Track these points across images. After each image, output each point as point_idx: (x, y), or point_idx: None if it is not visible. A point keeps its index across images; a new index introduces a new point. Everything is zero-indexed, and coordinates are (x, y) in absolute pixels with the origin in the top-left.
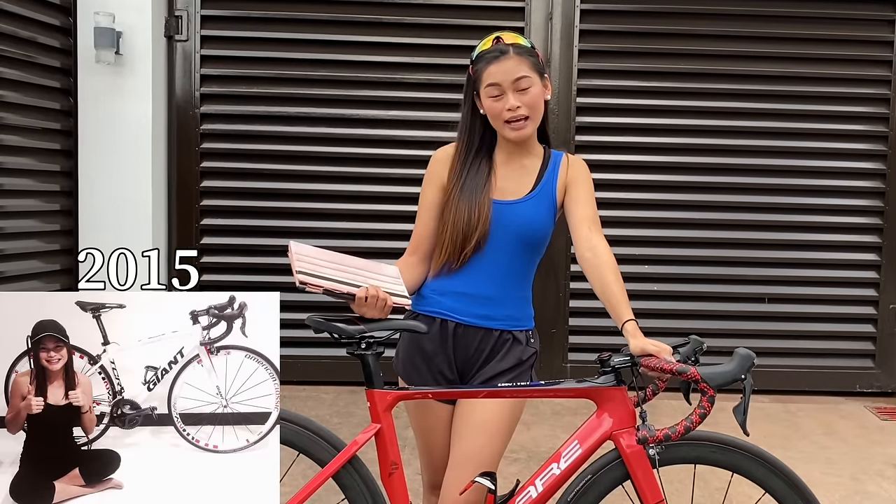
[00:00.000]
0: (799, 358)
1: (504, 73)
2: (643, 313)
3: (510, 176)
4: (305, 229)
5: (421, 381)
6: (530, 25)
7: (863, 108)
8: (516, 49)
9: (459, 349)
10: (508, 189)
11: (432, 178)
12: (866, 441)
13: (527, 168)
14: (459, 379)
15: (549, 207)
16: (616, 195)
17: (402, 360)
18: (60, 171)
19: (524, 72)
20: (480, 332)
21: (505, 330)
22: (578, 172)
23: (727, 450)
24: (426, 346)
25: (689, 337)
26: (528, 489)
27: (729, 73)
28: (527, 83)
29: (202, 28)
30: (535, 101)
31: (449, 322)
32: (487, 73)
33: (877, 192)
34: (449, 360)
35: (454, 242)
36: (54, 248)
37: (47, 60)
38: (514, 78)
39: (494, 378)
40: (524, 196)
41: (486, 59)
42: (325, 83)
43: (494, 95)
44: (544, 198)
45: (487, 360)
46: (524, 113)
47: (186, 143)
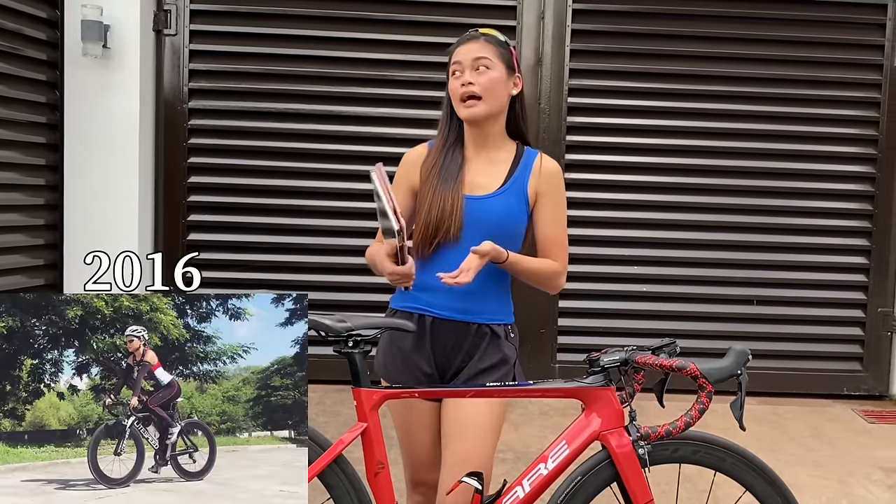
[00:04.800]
0: (787, 360)
1: (467, 52)
2: (632, 314)
3: (480, 171)
4: (294, 226)
5: (400, 378)
6: (522, 25)
7: (853, 112)
8: (487, 37)
9: (437, 344)
10: (477, 183)
11: (402, 178)
12: (854, 444)
13: (495, 163)
14: (439, 375)
15: (520, 201)
16: (607, 195)
17: (381, 359)
18: (46, 165)
19: (486, 54)
20: (458, 326)
21: (483, 324)
22: (552, 185)
23: (711, 449)
24: (403, 344)
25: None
26: (516, 489)
27: (720, 75)
28: (486, 64)
29: (191, 22)
30: (492, 84)
31: (426, 317)
32: (454, 53)
33: (866, 196)
34: (427, 356)
35: (426, 231)
36: (39, 243)
37: (33, 53)
38: (475, 57)
39: (478, 376)
40: (495, 191)
41: (457, 42)
42: (315, 79)
43: (454, 73)
44: (515, 192)
45: (469, 356)
46: (476, 91)
47: (174, 138)
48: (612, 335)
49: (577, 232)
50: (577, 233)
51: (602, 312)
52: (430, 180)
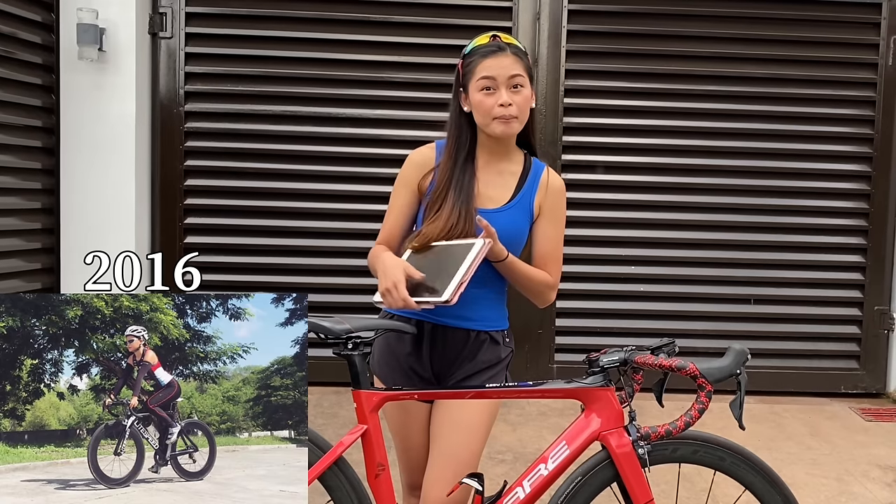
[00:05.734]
0: (784, 359)
1: (501, 68)
2: (629, 314)
3: (490, 182)
4: (290, 228)
5: (395, 379)
6: (518, 25)
7: (849, 111)
8: (513, 49)
9: (436, 350)
10: (488, 195)
11: (406, 180)
12: (851, 442)
13: (505, 175)
14: (435, 378)
15: (525, 217)
16: (603, 196)
17: (377, 360)
18: (42, 169)
19: (520, 71)
20: (458, 333)
21: (482, 331)
22: (555, 203)
23: (711, 448)
24: (400, 348)
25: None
26: (516, 490)
27: (716, 75)
28: (521, 82)
29: (187, 25)
30: (525, 104)
31: (425, 324)
32: (482, 66)
33: (862, 195)
34: (424, 362)
35: (436, 240)
36: (35, 247)
37: (29, 57)
38: (511, 75)
39: (472, 376)
40: (504, 205)
41: (481, 52)
42: (311, 81)
43: (487, 88)
44: (522, 208)
45: (465, 361)
46: (514, 113)
47: (170, 141)
48: (609, 335)
49: (575, 232)
50: (574, 233)
51: (599, 313)
52: (447, 193)
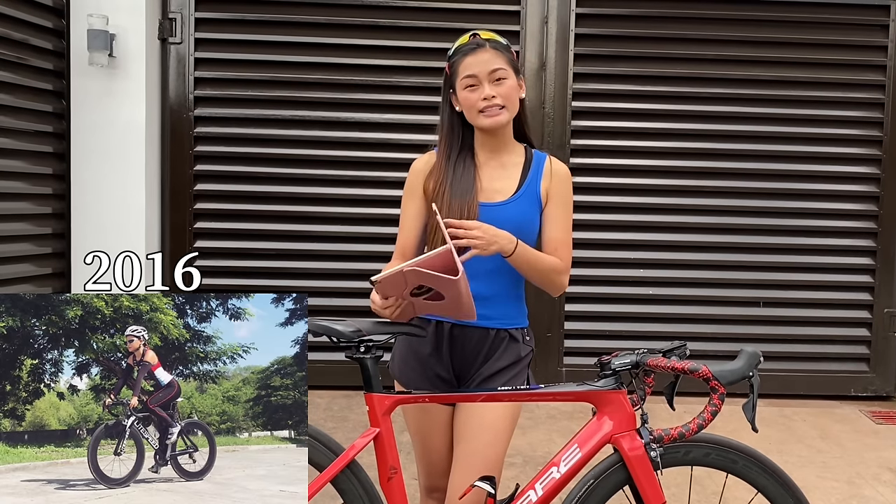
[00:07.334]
0: (794, 362)
1: (481, 64)
2: (638, 317)
3: (494, 176)
4: (300, 232)
5: (417, 383)
6: (526, 29)
7: (858, 113)
8: (492, 43)
9: (456, 350)
10: (493, 189)
11: (413, 189)
12: (862, 445)
13: (509, 167)
14: (456, 380)
15: (534, 206)
16: (612, 199)
17: (398, 363)
18: (53, 174)
19: (500, 64)
20: (477, 332)
21: (501, 329)
22: (561, 187)
23: (723, 451)
24: (421, 349)
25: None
26: (528, 493)
27: (724, 78)
28: (502, 74)
29: (196, 30)
30: (510, 93)
31: (444, 324)
32: (464, 64)
33: (871, 197)
34: (445, 363)
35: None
36: (46, 252)
37: (40, 63)
38: (491, 69)
39: (493, 376)
40: (510, 197)
41: (462, 51)
42: (320, 86)
43: (470, 86)
44: (529, 197)
45: (486, 360)
46: (499, 102)
47: (180, 146)
48: (618, 338)
49: (584, 235)
50: (583, 236)
51: (608, 315)
52: (443, 195)
